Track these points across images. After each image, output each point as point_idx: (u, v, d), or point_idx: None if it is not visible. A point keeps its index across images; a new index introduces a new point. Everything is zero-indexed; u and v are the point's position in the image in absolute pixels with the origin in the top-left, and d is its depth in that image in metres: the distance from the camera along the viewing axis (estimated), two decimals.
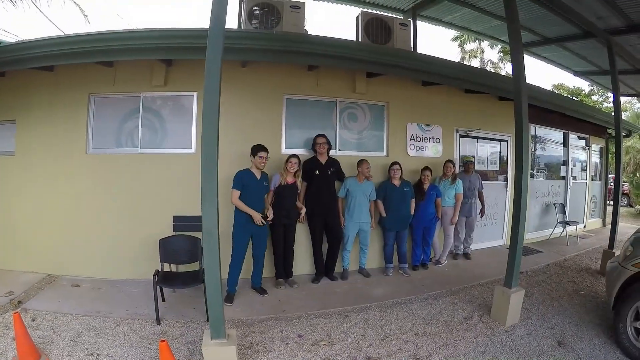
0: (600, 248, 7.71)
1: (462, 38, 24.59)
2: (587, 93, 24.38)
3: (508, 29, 4.59)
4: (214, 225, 2.97)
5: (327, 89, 5.80)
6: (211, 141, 2.93)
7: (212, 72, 2.94)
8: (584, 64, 9.42)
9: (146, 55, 4.51)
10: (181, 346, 3.57)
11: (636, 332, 3.64)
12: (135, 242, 5.08)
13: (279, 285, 5.10)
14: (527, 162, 4.36)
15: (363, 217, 5.57)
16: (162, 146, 5.29)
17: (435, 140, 6.85)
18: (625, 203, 16.65)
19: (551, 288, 5.62)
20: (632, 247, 3.95)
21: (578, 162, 10.29)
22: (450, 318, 4.48)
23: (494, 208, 7.76)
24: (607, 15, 6.26)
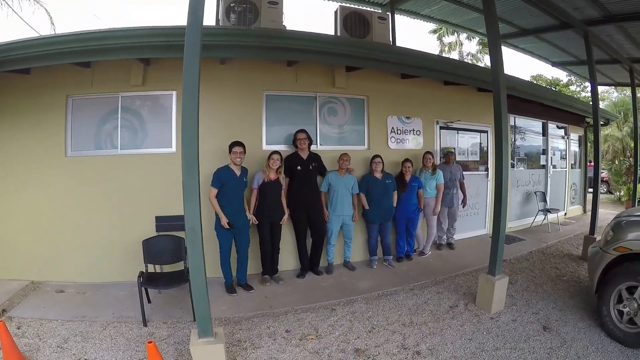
0: (581, 234, 7.88)
1: (440, 31, 24.73)
2: (565, 83, 24.70)
3: (485, 21, 4.61)
4: (196, 222, 2.94)
5: (306, 84, 5.80)
6: (191, 138, 2.90)
7: (191, 70, 2.90)
8: (562, 55, 9.56)
9: (123, 55, 4.43)
10: (169, 347, 3.55)
11: (619, 314, 3.72)
12: (119, 245, 5.04)
13: (265, 282, 5.10)
14: (507, 152, 4.41)
15: (346, 211, 5.60)
16: (142, 146, 5.24)
17: (416, 133, 6.90)
18: (605, 190, 17.03)
19: (534, 275, 5.71)
20: (612, 231, 4.03)
21: (557, 151, 10.43)
22: (436, 307, 4.53)
23: (475, 198, 7.85)
24: (583, 6, 6.35)
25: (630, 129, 14.39)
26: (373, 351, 3.54)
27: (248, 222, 4.93)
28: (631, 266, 3.69)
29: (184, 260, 4.33)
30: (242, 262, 4.96)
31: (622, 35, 7.43)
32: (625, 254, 3.76)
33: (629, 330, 3.61)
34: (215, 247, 4.79)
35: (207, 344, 3.04)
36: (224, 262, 4.82)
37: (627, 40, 7.73)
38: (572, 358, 3.43)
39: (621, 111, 15.40)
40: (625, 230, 3.87)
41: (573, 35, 7.56)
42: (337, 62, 5.30)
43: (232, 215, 4.70)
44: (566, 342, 3.69)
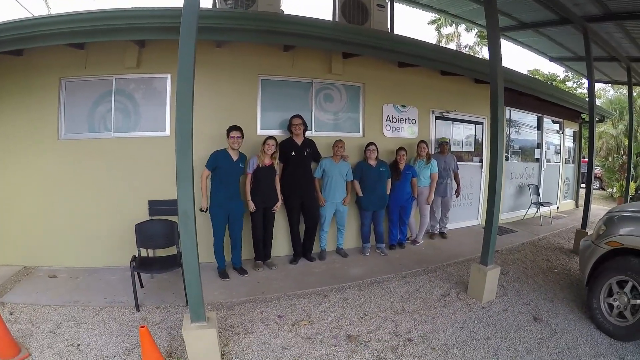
0: (573, 228, 7.95)
1: (439, 22, 24.62)
2: (562, 79, 24.74)
3: (486, 13, 4.56)
4: (189, 206, 2.91)
5: (303, 70, 5.76)
6: (185, 122, 2.87)
7: (186, 52, 2.86)
8: (560, 50, 9.51)
9: (118, 37, 4.38)
10: (162, 331, 3.54)
11: (609, 307, 3.76)
12: (111, 229, 5.01)
13: (258, 268, 5.11)
14: (502, 144, 4.41)
15: (339, 198, 5.60)
16: (135, 130, 5.19)
17: (411, 122, 6.90)
18: (597, 186, 17.16)
19: (526, 266, 5.75)
20: (605, 226, 4.06)
21: (552, 145, 10.48)
22: (428, 295, 4.56)
23: (469, 189, 7.90)
24: (584, 2, 6.30)
25: (625, 127, 14.49)
26: (365, 337, 3.55)
27: (242, 207, 4.91)
28: (622, 261, 3.72)
29: (176, 244, 4.31)
30: (237, 247, 4.96)
31: (621, 33, 7.41)
32: (617, 248, 3.79)
33: (619, 323, 3.65)
34: (209, 231, 4.78)
35: (200, 328, 3.03)
36: (217, 247, 4.83)
37: (626, 39, 7.71)
38: (562, 349, 3.46)
39: (617, 109, 15.48)
40: (618, 225, 3.90)
41: (572, 31, 7.53)
42: (334, 48, 5.26)
43: (226, 200, 4.71)
44: (556, 333, 3.72)
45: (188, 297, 3.14)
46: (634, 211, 4.09)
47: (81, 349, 3.24)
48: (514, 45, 9.63)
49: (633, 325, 3.53)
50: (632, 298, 3.58)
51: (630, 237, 3.70)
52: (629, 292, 3.61)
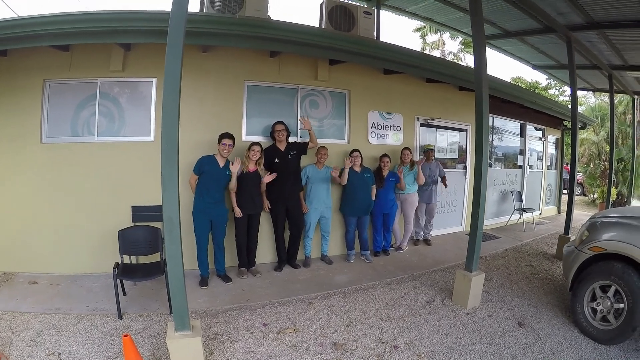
0: (555, 234, 8.07)
1: (423, 29, 24.91)
2: (545, 86, 25.17)
3: (471, 21, 4.62)
4: (174, 213, 2.88)
5: (289, 76, 5.76)
6: (171, 127, 2.84)
7: (173, 56, 2.83)
8: (543, 58, 9.70)
9: (104, 39, 4.31)
10: (145, 340, 3.48)
11: (593, 312, 3.83)
12: (94, 235, 4.93)
13: (242, 275, 5.08)
14: (486, 151, 4.45)
15: (323, 204, 5.60)
16: (119, 134, 5.12)
17: (396, 129, 6.94)
18: (580, 192, 17.52)
19: (510, 272, 5.80)
20: (588, 231, 4.13)
21: (534, 152, 10.63)
22: (413, 302, 4.56)
23: (453, 195, 7.97)
24: (568, 12, 6.45)
25: (606, 134, 14.74)
26: (351, 345, 3.53)
27: (226, 214, 4.89)
28: (605, 266, 3.78)
29: (160, 251, 4.26)
30: (220, 252, 4.93)
31: (603, 42, 7.57)
32: (600, 253, 3.85)
33: (602, 327, 3.72)
34: (192, 238, 4.74)
35: (184, 337, 2.99)
36: (201, 254, 4.79)
37: (608, 47, 7.88)
38: (547, 353, 3.50)
39: (598, 116, 15.77)
40: (600, 231, 3.96)
41: (555, 40, 7.69)
42: (320, 54, 5.27)
43: (210, 206, 4.67)
44: (541, 338, 3.76)
45: (172, 305, 3.11)
46: (616, 217, 4.16)
47: (62, 358, 3.17)
48: (497, 53, 9.79)
49: (616, 329, 3.59)
50: (616, 302, 3.65)
51: (613, 242, 3.76)
52: (612, 296, 3.68)
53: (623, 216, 4.12)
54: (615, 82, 9.89)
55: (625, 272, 3.58)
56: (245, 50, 5.26)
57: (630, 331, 3.49)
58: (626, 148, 14.37)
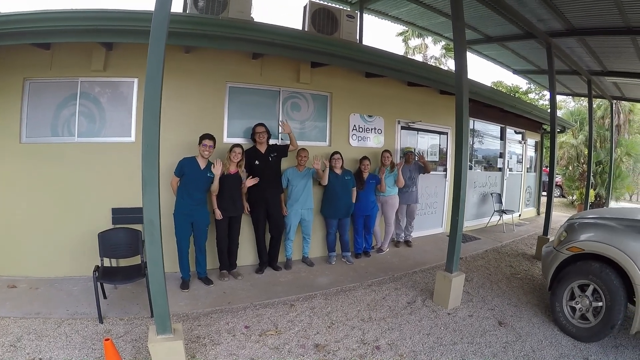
0: (534, 235, 8.23)
1: (406, 34, 25.12)
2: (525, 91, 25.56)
3: (453, 27, 4.69)
4: (155, 215, 2.86)
5: (271, 78, 5.76)
6: (152, 128, 2.82)
7: (155, 56, 2.82)
8: (524, 63, 9.86)
9: (86, 38, 4.25)
10: (126, 344, 3.44)
11: (572, 310, 3.94)
12: (73, 237, 4.85)
13: (223, 277, 5.04)
14: (466, 154, 4.51)
15: (304, 206, 5.61)
16: (100, 135, 5.05)
17: (377, 131, 6.99)
18: (558, 194, 17.83)
19: (490, 272, 5.89)
20: (566, 232, 4.24)
21: (514, 155, 10.80)
22: (395, 303, 4.60)
23: (433, 197, 8.06)
24: (548, 18, 6.57)
25: (585, 137, 15.00)
26: (333, 346, 3.55)
27: (208, 216, 4.85)
28: (583, 265, 3.89)
29: (141, 254, 4.22)
30: (202, 255, 4.90)
31: (583, 48, 7.73)
32: (578, 253, 3.96)
33: (582, 325, 3.83)
34: (173, 241, 4.71)
35: (166, 340, 2.97)
36: (182, 256, 4.74)
37: (587, 54, 8.04)
38: (527, 352, 3.57)
39: (577, 120, 16.03)
40: (578, 232, 4.07)
41: (536, 46, 7.82)
42: (303, 57, 5.27)
43: (192, 208, 4.64)
44: (521, 337, 3.84)
45: (153, 308, 3.08)
46: (593, 218, 4.28)
47: None
48: (479, 58, 9.93)
49: (595, 327, 3.70)
50: (594, 301, 3.76)
51: (590, 243, 3.87)
52: (590, 295, 3.79)
53: (600, 217, 4.24)
54: (594, 87, 10.09)
55: (603, 272, 3.69)
56: (228, 52, 5.24)
57: (609, 329, 3.60)
58: (604, 151, 14.67)
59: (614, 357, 3.54)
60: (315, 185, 5.83)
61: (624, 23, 6.22)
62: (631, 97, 12.39)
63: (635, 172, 17.94)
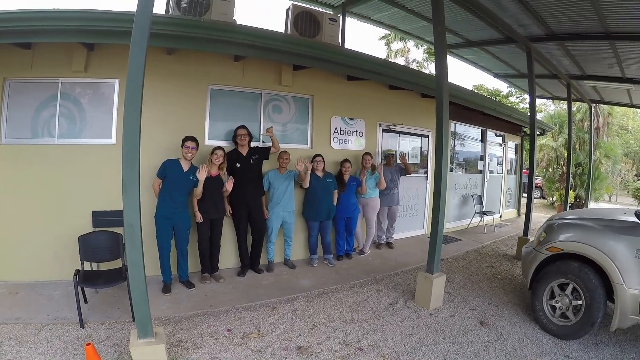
0: (515, 236, 8.32)
1: (389, 37, 25.34)
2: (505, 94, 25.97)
3: (434, 31, 4.75)
4: (135, 218, 2.85)
5: (252, 80, 5.75)
6: (133, 129, 2.82)
7: (137, 58, 2.81)
8: (504, 67, 10.00)
9: (66, 38, 4.20)
10: (108, 349, 3.40)
11: (552, 309, 4.03)
12: (53, 241, 4.76)
13: (205, 280, 5.02)
14: (446, 156, 4.58)
15: (286, 208, 5.60)
16: (80, 136, 4.98)
17: (359, 134, 7.03)
18: (539, 195, 18.20)
19: (471, 273, 5.97)
20: (545, 233, 4.34)
21: (495, 157, 10.94)
22: (377, 305, 4.63)
23: (414, 199, 8.12)
24: (529, 24, 6.69)
25: (564, 140, 15.24)
26: (315, 348, 3.56)
27: (189, 219, 4.83)
28: (562, 265, 3.98)
29: (122, 257, 4.17)
30: (183, 259, 4.86)
31: (562, 53, 7.88)
32: (557, 253, 4.05)
33: (562, 323, 3.93)
34: (155, 244, 4.66)
35: (148, 344, 2.96)
36: (164, 259, 4.70)
37: (566, 58, 8.20)
38: (509, 350, 3.63)
39: (557, 123, 16.28)
40: (557, 232, 4.17)
41: (516, 50, 7.94)
42: (285, 60, 5.28)
43: (173, 211, 4.62)
44: (502, 336, 3.91)
45: (135, 312, 3.06)
46: (572, 218, 4.39)
47: None
48: (460, 62, 10.06)
49: (576, 325, 3.80)
50: (574, 299, 3.86)
51: (569, 243, 3.96)
52: (570, 293, 3.89)
53: (579, 218, 4.34)
54: (573, 90, 10.31)
55: (582, 271, 3.79)
56: (210, 54, 5.21)
57: (589, 326, 3.70)
58: (583, 153, 14.92)
59: (594, 354, 3.63)
60: (296, 187, 5.84)
61: (602, 28, 6.36)
62: (610, 101, 12.69)
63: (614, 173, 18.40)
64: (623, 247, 3.60)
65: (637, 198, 19.53)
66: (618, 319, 3.54)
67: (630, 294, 3.48)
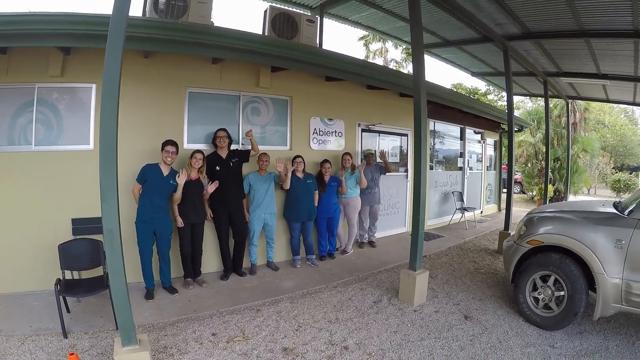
0: (496, 230, 8.41)
1: (367, 38, 25.52)
2: (484, 92, 26.32)
3: (411, 31, 4.80)
4: (115, 224, 2.81)
5: (231, 83, 5.72)
6: (110, 133, 2.78)
7: (113, 61, 2.77)
8: (482, 66, 10.16)
9: (42, 42, 4.10)
10: (92, 358, 3.36)
11: (535, 301, 4.11)
12: (33, 250, 4.66)
13: (188, 285, 4.97)
14: (425, 154, 4.62)
15: (267, 210, 5.59)
16: (58, 143, 4.88)
17: (338, 134, 7.05)
18: (518, 190, 18.55)
19: (454, 268, 6.04)
20: (525, 226, 4.43)
21: (474, 154, 11.10)
22: (361, 303, 4.65)
23: (395, 198, 8.19)
24: (505, 23, 6.80)
25: (542, 135, 15.40)
26: (301, 349, 3.57)
27: (170, 224, 4.79)
28: (543, 257, 4.07)
29: (103, 265, 4.10)
30: (166, 264, 4.81)
31: (539, 51, 8.02)
32: (538, 246, 4.13)
33: (545, 314, 4.01)
34: (136, 250, 4.60)
35: (132, 352, 2.93)
36: (145, 265, 4.64)
37: (543, 56, 8.35)
38: (494, 343, 3.69)
39: (535, 119, 16.57)
40: (537, 225, 4.25)
41: (493, 49, 8.06)
42: (263, 61, 5.25)
43: (154, 216, 4.57)
44: (487, 329, 3.97)
45: (117, 319, 3.02)
46: (552, 211, 4.48)
47: None
48: (438, 61, 10.18)
49: (559, 315, 3.89)
50: (556, 290, 3.94)
51: (550, 235, 4.05)
52: (552, 285, 3.97)
53: (559, 211, 4.43)
54: (550, 87, 10.48)
55: (563, 262, 3.87)
56: (187, 57, 5.17)
57: (572, 316, 3.79)
58: (561, 148, 15.20)
59: (579, 343, 3.71)
60: (277, 189, 5.83)
61: (577, 26, 6.48)
62: (586, 97, 12.96)
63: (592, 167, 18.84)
64: (603, 238, 3.69)
65: (615, 190, 20.07)
66: (601, 308, 3.63)
67: (612, 283, 3.58)
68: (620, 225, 3.68)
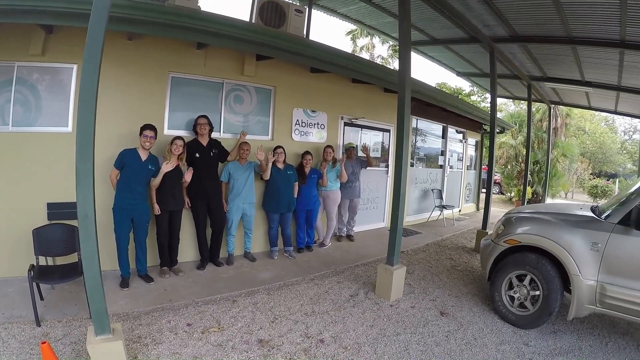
0: (474, 229, 8.53)
1: (355, 32, 25.53)
2: (467, 93, 26.51)
3: (399, 27, 4.79)
4: (90, 209, 2.74)
5: (214, 69, 5.64)
6: (87, 116, 2.70)
7: (94, 40, 2.69)
8: (467, 66, 10.20)
9: (23, 19, 3.94)
10: (65, 347, 3.28)
11: (510, 299, 4.18)
12: (6, 235, 4.51)
13: (164, 274, 4.91)
14: (407, 151, 4.63)
15: (246, 200, 5.55)
16: (36, 124, 4.74)
17: (320, 127, 7.03)
18: (497, 191, 18.88)
19: (431, 265, 6.08)
20: (503, 226, 4.48)
21: (455, 153, 11.17)
22: (337, 296, 4.66)
23: (375, 193, 8.21)
24: (494, 24, 6.83)
25: (523, 138, 15.68)
26: (277, 341, 3.56)
27: (148, 211, 4.71)
28: (520, 257, 4.13)
29: (78, 251, 3.99)
30: (142, 252, 4.73)
31: (525, 54, 8.09)
32: (515, 245, 4.20)
33: (521, 313, 4.08)
34: (113, 237, 4.52)
35: (105, 341, 2.87)
36: (121, 253, 4.55)
37: (529, 60, 8.42)
38: (469, 339, 3.73)
39: (516, 122, 16.77)
40: (515, 225, 4.32)
41: (480, 50, 8.07)
42: (249, 49, 5.17)
43: (131, 203, 4.48)
44: (463, 326, 4.02)
45: (90, 308, 2.93)
46: (530, 212, 4.54)
47: None
48: (424, 59, 10.18)
49: (534, 314, 3.96)
50: (532, 290, 4.01)
51: (527, 235, 4.12)
52: (528, 284, 4.03)
53: (536, 212, 4.50)
54: (534, 91, 10.60)
55: (539, 263, 3.94)
56: (172, 41, 5.07)
57: (547, 315, 3.86)
58: (541, 152, 15.38)
59: (552, 342, 3.78)
60: (257, 179, 5.77)
61: (565, 33, 6.53)
62: (569, 103, 13.14)
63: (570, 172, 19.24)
64: (579, 240, 3.76)
65: (592, 195, 20.55)
66: (575, 309, 3.70)
67: (586, 284, 3.65)
68: (597, 228, 3.74)
